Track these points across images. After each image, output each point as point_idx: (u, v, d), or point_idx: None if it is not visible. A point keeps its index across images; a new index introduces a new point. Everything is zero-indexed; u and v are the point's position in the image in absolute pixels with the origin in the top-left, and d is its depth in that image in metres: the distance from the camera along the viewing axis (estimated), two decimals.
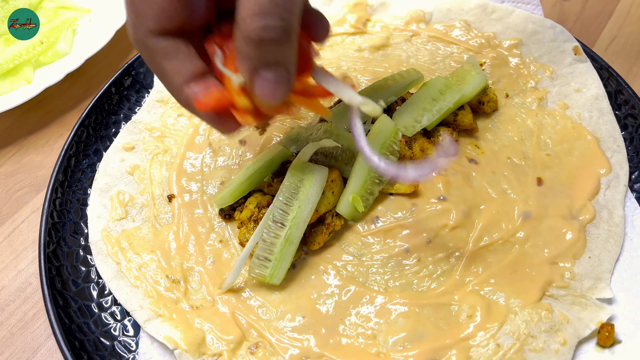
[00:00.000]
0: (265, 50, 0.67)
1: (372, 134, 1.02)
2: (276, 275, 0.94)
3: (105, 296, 1.00)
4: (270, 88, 0.70)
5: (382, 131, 1.02)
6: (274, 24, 0.64)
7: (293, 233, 0.94)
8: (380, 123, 1.02)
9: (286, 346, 0.91)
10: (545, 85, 1.19)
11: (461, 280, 0.96)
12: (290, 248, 0.94)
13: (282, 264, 0.94)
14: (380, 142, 1.01)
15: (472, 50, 1.26)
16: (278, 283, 0.95)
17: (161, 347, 0.93)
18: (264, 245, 0.93)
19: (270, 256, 0.93)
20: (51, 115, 1.37)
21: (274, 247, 0.93)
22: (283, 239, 0.93)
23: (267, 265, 0.93)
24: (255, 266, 0.94)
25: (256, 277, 0.95)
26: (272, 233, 0.93)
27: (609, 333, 0.88)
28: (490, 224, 1.01)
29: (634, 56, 1.37)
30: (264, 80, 0.69)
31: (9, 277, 1.11)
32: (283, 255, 0.94)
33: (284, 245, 0.93)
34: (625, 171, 1.06)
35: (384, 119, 1.02)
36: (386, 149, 1.02)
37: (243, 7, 0.64)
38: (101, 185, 1.09)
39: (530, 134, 1.13)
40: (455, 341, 0.89)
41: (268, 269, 0.93)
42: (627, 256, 0.98)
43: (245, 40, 0.66)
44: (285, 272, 0.95)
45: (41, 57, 1.39)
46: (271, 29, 0.65)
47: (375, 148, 0.99)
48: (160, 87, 1.23)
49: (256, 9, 0.63)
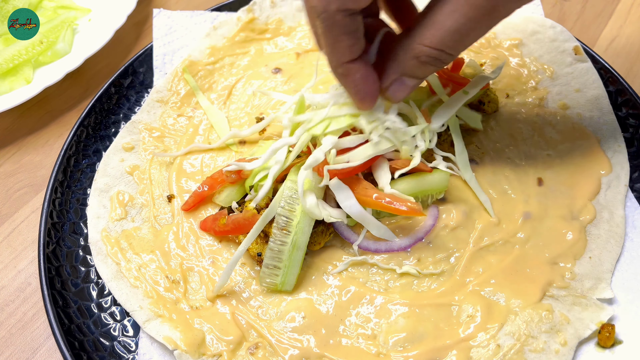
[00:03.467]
0: (421, 68, 0.84)
1: (425, 180, 1.00)
2: (287, 282, 0.94)
3: (105, 296, 1.00)
4: (402, 91, 0.90)
5: (433, 184, 1.01)
6: (442, 58, 0.82)
7: (299, 238, 0.94)
8: (438, 176, 1.01)
9: (286, 346, 0.90)
10: (545, 85, 1.19)
11: (461, 281, 0.96)
12: (298, 253, 0.94)
13: (292, 270, 0.94)
14: (418, 189, 1.00)
15: (472, 50, 1.26)
16: (290, 289, 0.95)
17: (161, 347, 0.92)
18: (272, 253, 0.93)
19: (280, 264, 0.93)
20: (51, 115, 1.37)
21: (282, 254, 0.93)
22: (290, 245, 0.93)
23: (277, 273, 0.93)
24: (266, 276, 0.94)
25: (268, 287, 0.95)
26: (279, 240, 0.93)
27: (610, 333, 0.88)
28: (491, 224, 1.01)
29: (634, 56, 1.37)
30: (402, 84, 0.88)
31: (9, 277, 1.11)
32: (292, 262, 0.94)
33: (291, 251, 0.93)
34: (626, 171, 1.06)
35: (443, 175, 1.01)
36: (414, 197, 1.00)
37: (424, 34, 0.80)
38: (101, 186, 1.09)
39: (530, 134, 1.13)
40: (456, 341, 0.89)
41: (279, 277, 0.93)
42: (627, 256, 0.98)
43: (411, 56, 0.83)
44: (296, 278, 0.95)
45: (41, 56, 1.39)
46: (439, 60, 0.82)
47: (412, 189, 1.00)
48: (160, 87, 1.23)
49: (437, 41, 0.79)
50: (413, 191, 0.99)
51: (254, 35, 1.32)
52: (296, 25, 1.34)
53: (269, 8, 1.34)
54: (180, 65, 1.25)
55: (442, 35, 0.78)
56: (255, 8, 1.33)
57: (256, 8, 1.33)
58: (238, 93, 1.24)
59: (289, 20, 1.35)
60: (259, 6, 1.34)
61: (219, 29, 1.31)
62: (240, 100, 1.23)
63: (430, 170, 1.00)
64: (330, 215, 0.94)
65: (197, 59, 1.27)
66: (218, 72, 1.27)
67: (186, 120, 1.20)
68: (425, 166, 1.00)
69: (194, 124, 1.20)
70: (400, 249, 0.98)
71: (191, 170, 1.12)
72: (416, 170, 0.99)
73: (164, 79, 1.24)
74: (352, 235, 0.99)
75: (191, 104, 1.23)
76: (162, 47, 1.31)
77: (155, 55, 1.29)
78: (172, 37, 1.33)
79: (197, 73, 1.26)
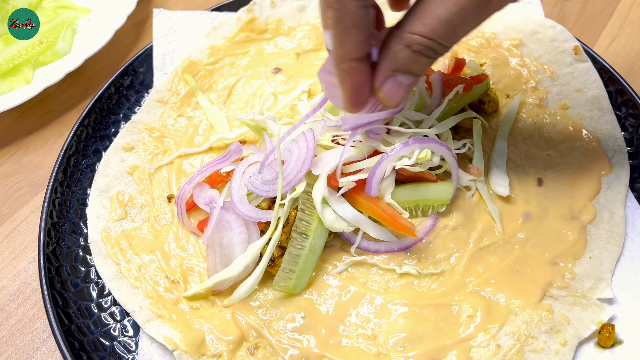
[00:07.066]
0: (414, 60, 0.79)
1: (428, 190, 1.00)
2: (299, 285, 0.94)
3: (105, 296, 1.00)
4: (397, 92, 0.83)
5: (435, 194, 1.00)
6: (435, 48, 0.77)
7: (316, 243, 0.94)
8: (442, 187, 1.00)
9: (286, 347, 0.90)
10: (545, 85, 1.19)
11: (462, 281, 0.96)
12: (313, 258, 0.95)
13: (305, 274, 0.94)
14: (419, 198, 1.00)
15: (472, 50, 1.26)
16: (300, 292, 0.95)
17: (161, 347, 0.92)
18: (290, 257, 0.93)
19: (295, 267, 0.93)
20: (50, 115, 1.37)
21: (299, 258, 0.93)
22: (307, 249, 0.93)
23: (292, 277, 0.93)
24: (281, 279, 0.94)
25: (280, 290, 0.95)
26: (298, 245, 0.94)
27: (610, 333, 0.88)
28: (491, 224, 1.01)
29: (634, 56, 1.37)
30: (396, 83, 0.82)
31: (9, 277, 1.11)
32: (306, 266, 0.94)
33: (308, 255, 0.94)
34: (626, 171, 1.06)
35: (448, 187, 1.01)
36: (414, 205, 1.00)
37: (415, 23, 0.76)
38: (101, 186, 1.09)
39: (530, 134, 1.13)
40: (456, 342, 0.89)
41: (292, 280, 0.93)
42: (627, 256, 0.98)
43: (403, 46, 0.78)
44: (307, 281, 0.95)
45: (40, 57, 1.39)
46: (431, 50, 0.77)
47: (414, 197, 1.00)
48: (160, 87, 1.23)
49: (428, 30, 0.75)
50: (414, 199, 0.99)
51: (254, 35, 1.32)
52: (296, 26, 1.34)
53: (269, 8, 1.34)
54: (180, 65, 1.25)
55: (433, 24, 0.75)
56: (255, 8, 1.33)
57: (256, 8, 1.33)
58: (238, 93, 1.24)
59: (289, 20, 1.34)
60: (259, 6, 1.34)
61: (218, 29, 1.31)
62: (240, 100, 1.23)
63: (436, 180, 1.00)
64: (348, 226, 0.95)
65: (197, 59, 1.27)
66: (218, 72, 1.27)
67: (186, 120, 1.20)
68: (431, 175, 1.00)
69: (193, 124, 1.20)
70: (400, 250, 0.98)
71: (191, 171, 1.12)
72: (420, 178, 0.99)
73: (164, 79, 1.24)
74: (352, 236, 0.99)
75: (191, 104, 1.23)
76: (162, 47, 1.31)
77: (155, 55, 1.29)
78: (172, 37, 1.33)
79: (197, 73, 1.26)
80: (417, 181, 1.00)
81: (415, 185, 0.99)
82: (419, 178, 0.99)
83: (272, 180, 0.95)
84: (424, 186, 0.99)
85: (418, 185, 0.99)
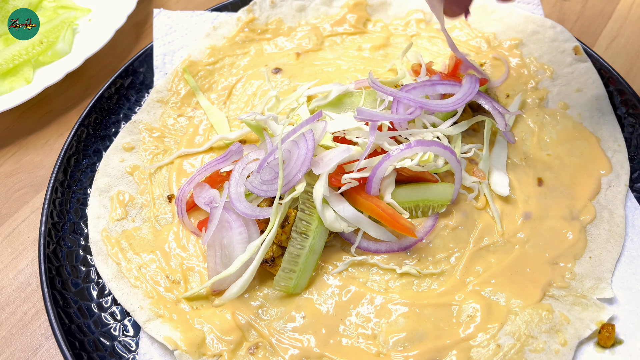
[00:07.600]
0: None
1: (428, 190, 1.00)
2: (300, 285, 0.94)
3: (105, 296, 1.00)
4: None
5: (436, 194, 1.00)
6: None
7: (316, 243, 0.94)
8: (443, 188, 1.01)
9: (286, 346, 0.90)
10: (545, 85, 1.19)
11: (462, 281, 0.96)
12: (313, 257, 0.95)
13: (305, 274, 0.94)
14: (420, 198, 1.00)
15: (472, 50, 1.26)
16: (300, 292, 0.95)
17: (161, 347, 0.92)
18: (290, 257, 0.94)
19: (295, 267, 0.93)
20: (51, 115, 1.37)
21: (299, 258, 0.93)
22: (307, 249, 0.93)
23: (292, 277, 0.93)
24: (281, 279, 0.94)
25: (281, 290, 0.95)
26: (298, 245, 0.94)
27: (610, 333, 0.88)
28: (491, 224, 1.01)
29: (634, 56, 1.37)
30: None
31: (9, 277, 1.11)
32: (306, 266, 0.94)
33: (308, 255, 0.94)
34: (626, 171, 1.06)
35: (448, 187, 1.01)
36: (414, 206, 1.00)
37: None
38: (101, 186, 1.09)
39: (530, 134, 1.13)
40: (456, 341, 0.89)
41: (292, 280, 0.93)
42: (627, 256, 0.98)
43: None
44: (307, 281, 0.95)
45: (41, 57, 1.39)
46: None
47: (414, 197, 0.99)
48: (160, 87, 1.23)
49: None
50: (414, 199, 0.99)
51: (254, 35, 1.32)
52: (296, 26, 1.34)
53: (269, 8, 1.34)
54: (180, 66, 1.25)
55: None
56: (255, 8, 1.33)
57: (256, 8, 1.33)
58: (238, 93, 1.25)
59: (289, 20, 1.35)
60: (259, 6, 1.34)
61: (219, 29, 1.32)
62: (240, 100, 1.23)
63: (437, 180, 1.00)
64: (348, 226, 0.95)
65: (197, 59, 1.27)
66: (218, 72, 1.28)
67: (186, 120, 1.20)
68: (432, 176, 1.00)
69: (194, 124, 1.20)
70: (400, 249, 0.98)
71: (191, 170, 1.12)
72: (421, 178, 0.99)
73: (164, 79, 1.24)
74: (353, 236, 0.99)
75: (191, 104, 1.23)
76: (162, 47, 1.31)
77: (155, 55, 1.29)
78: (172, 37, 1.33)
79: (197, 73, 1.26)
80: (418, 181, 1.00)
81: (416, 186, 0.99)
82: (420, 178, 0.99)
83: (271, 180, 0.95)
84: (425, 186, 0.99)
85: (418, 185, 0.99)
